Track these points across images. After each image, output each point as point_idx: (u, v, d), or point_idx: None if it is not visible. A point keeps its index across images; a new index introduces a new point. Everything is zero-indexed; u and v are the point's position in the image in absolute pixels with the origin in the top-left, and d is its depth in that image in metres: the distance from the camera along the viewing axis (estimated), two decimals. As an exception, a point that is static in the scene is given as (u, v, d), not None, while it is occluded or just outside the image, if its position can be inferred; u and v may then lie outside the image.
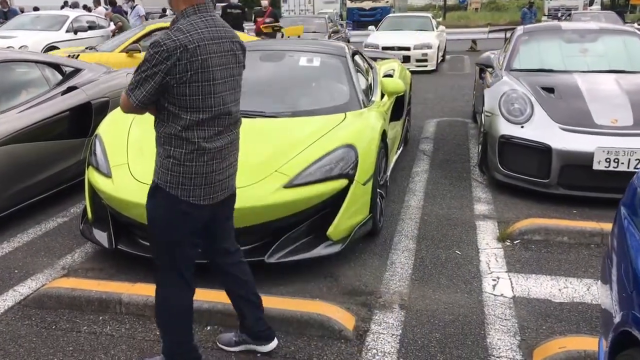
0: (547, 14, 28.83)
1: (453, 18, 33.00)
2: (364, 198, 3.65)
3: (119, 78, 5.57)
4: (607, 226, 3.55)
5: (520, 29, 6.51)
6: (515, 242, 3.94)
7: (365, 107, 4.31)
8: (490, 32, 8.59)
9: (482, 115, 5.62)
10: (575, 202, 4.60)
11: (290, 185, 3.32)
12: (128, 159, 3.58)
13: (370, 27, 16.02)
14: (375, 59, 6.57)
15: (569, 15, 20.53)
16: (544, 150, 4.61)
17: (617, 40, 6.03)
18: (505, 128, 4.88)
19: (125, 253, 3.49)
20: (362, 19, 28.68)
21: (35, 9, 19.31)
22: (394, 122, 5.21)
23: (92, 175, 3.66)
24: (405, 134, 6.28)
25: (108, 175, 3.53)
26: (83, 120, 4.96)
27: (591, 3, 30.82)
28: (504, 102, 5.05)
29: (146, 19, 16.41)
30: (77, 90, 4.98)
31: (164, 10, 23.52)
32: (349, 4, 31.74)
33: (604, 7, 30.71)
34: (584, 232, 3.92)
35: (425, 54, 13.32)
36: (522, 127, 4.82)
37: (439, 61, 14.18)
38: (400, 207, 4.67)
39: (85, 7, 18.48)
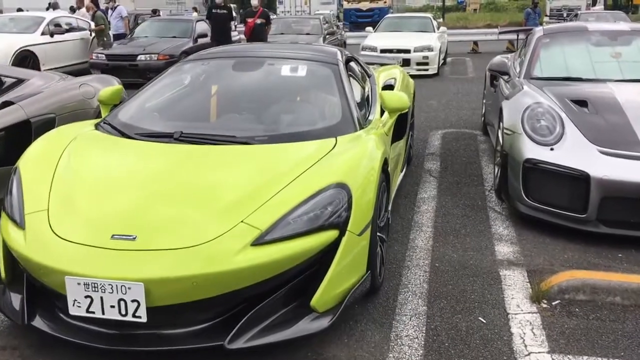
0: (549, 14, 28.04)
1: (452, 19, 32.19)
2: (360, 252, 2.80)
3: (71, 90, 4.71)
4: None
5: (539, 30, 5.67)
6: (553, 303, 3.09)
7: (361, 128, 3.45)
8: (500, 33, 7.80)
9: (499, 131, 4.78)
10: (619, 242, 3.76)
11: (260, 241, 2.46)
12: (49, 204, 2.71)
13: (367, 29, 15.17)
14: (372, 64, 5.73)
15: (575, 15, 19.70)
16: (579, 179, 3.76)
17: (655, 44, 5.19)
18: (530, 150, 4.03)
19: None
20: (360, 20, 27.86)
21: (19, 10, 18.44)
22: (396, 141, 4.36)
23: (4, 224, 2.79)
24: (408, 151, 5.42)
25: (20, 225, 2.66)
26: (21, 142, 4.09)
27: (594, 3, 30.05)
28: (527, 118, 4.21)
29: (135, 21, 15.56)
30: (13, 106, 4.12)
31: (155, 11, 22.72)
32: (346, 5, 30.95)
33: (606, 7, 29.93)
34: (642, 291, 3.07)
35: (427, 57, 12.48)
36: (551, 149, 3.97)
37: (440, 64, 13.34)
38: (405, 248, 3.82)
39: (71, 9, 17.56)
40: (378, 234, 3.15)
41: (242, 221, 2.51)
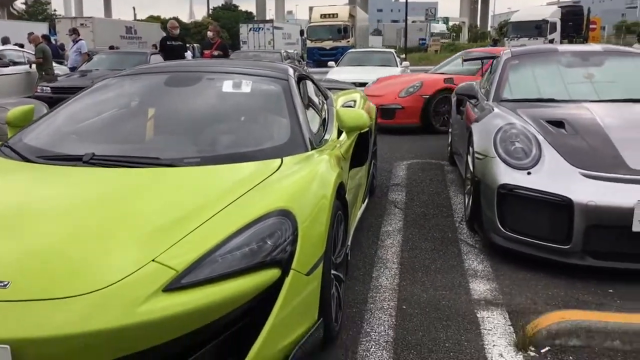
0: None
1: (414, 58, 32.55)
2: (309, 296, 2.26)
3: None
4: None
5: (507, 52, 5.34)
6: (542, 350, 2.59)
7: (313, 148, 2.96)
8: (465, 61, 7.57)
9: (469, 157, 4.36)
10: (608, 275, 3.32)
11: (175, 286, 1.91)
12: None
13: (330, 63, 14.94)
14: (331, 90, 5.29)
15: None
16: (562, 206, 3.33)
17: (628, 64, 4.91)
18: (505, 175, 3.60)
19: None
20: (323, 59, 27.80)
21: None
22: (357, 168, 3.88)
23: None
24: (371, 181, 4.96)
25: None
26: None
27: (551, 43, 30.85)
28: (501, 141, 3.79)
29: (89, 56, 15.05)
30: None
31: (112, 47, 22.41)
32: (309, 44, 31.03)
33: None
34: (645, 334, 2.60)
35: (390, 90, 12.21)
36: (528, 173, 3.55)
37: (403, 98, 13.10)
38: (368, 288, 3.29)
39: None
40: (333, 272, 2.62)
41: (153, 260, 1.96)
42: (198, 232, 2.09)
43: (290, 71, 3.66)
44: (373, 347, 2.64)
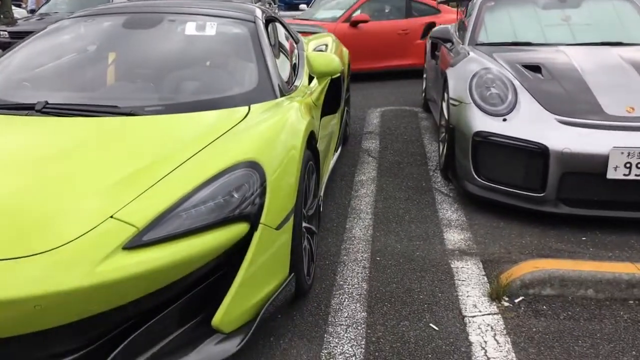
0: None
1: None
2: (279, 250, 2.17)
3: None
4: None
5: (483, -7, 5.16)
6: (516, 300, 2.58)
7: (282, 95, 2.81)
8: (440, 3, 7.35)
9: (444, 103, 4.26)
10: (582, 223, 3.31)
11: (137, 244, 1.79)
12: None
13: (301, 6, 14.46)
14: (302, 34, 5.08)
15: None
16: (537, 153, 3.27)
17: (605, 6, 4.78)
18: (480, 122, 3.51)
19: None
20: (295, 2, 27.05)
21: None
22: (329, 115, 3.75)
23: None
24: (344, 129, 4.83)
25: None
26: None
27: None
28: (476, 86, 3.69)
29: (47, -1, 14.28)
30: None
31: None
32: (281, -15, 30.06)
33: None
34: (618, 282, 2.59)
35: (363, 35, 11.93)
36: (504, 120, 3.47)
37: (377, 43, 12.84)
38: (341, 240, 3.23)
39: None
40: (305, 225, 2.53)
41: (111, 217, 1.83)
42: (160, 186, 1.96)
43: (258, 12, 3.45)
44: (346, 299, 2.59)
